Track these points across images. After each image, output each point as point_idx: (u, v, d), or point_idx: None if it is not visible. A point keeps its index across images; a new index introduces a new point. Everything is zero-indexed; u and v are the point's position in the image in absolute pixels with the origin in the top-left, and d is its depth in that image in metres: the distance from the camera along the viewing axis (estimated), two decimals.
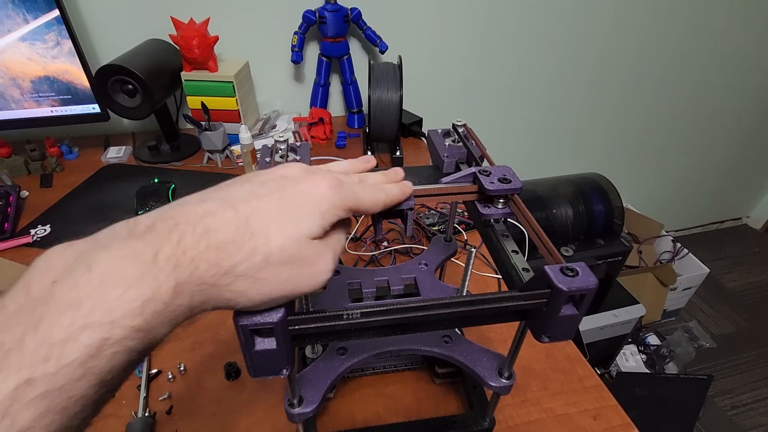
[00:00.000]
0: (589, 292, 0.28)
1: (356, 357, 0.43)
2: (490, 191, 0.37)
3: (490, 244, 0.39)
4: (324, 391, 0.38)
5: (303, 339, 0.29)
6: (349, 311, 0.28)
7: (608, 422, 0.50)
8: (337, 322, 0.28)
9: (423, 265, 0.53)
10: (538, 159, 1.61)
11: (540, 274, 0.29)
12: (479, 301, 0.29)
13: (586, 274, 0.28)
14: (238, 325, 0.25)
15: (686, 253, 1.66)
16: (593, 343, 1.28)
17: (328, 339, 0.31)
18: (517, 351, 0.38)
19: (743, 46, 1.52)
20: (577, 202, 1.27)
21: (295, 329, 0.27)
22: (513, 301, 0.29)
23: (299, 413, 0.36)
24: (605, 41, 1.36)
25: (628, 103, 1.55)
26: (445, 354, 0.44)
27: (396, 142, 0.97)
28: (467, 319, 0.32)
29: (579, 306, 0.29)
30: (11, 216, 0.78)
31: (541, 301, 0.29)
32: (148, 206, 0.81)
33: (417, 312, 0.29)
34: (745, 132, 1.83)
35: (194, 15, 0.94)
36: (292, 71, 1.16)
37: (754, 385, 1.53)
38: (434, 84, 1.29)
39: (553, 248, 0.32)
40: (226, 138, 0.95)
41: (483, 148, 0.45)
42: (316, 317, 0.27)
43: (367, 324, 0.29)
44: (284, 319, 0.26)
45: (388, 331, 0.31)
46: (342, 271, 0.52)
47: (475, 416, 0.47)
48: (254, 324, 0.25)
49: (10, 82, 0.87)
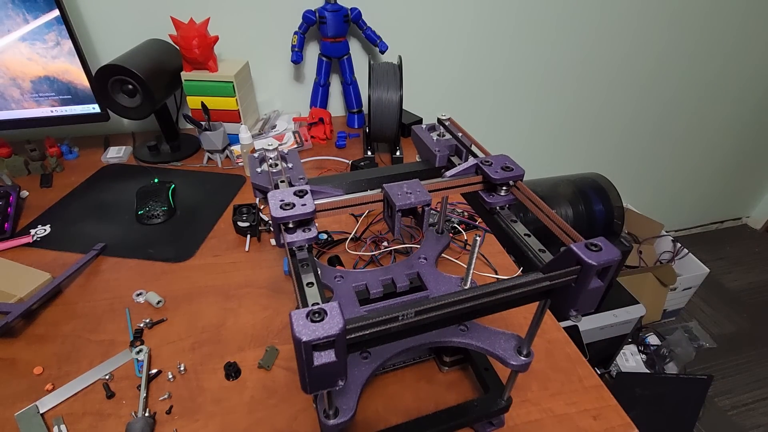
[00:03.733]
0: (615, 263, 0.29)
1: (380, 359, 0.43)
2: (495, 180, 0.38)
3: (500, 231, 0.40)
4: (357, 398, 0.37)
5: (356, 347, 0.28)
6: (404, 312, 0.27)
7: (608, 422, 0.50)
8: (392, 324, 0.27)
9: (422, 259, 0.54)
10: (538, 159, 1.60)
11: (566, 252, 0.30)
12: (515, 286, 0.30)
13: (608, 247, 0.30)
14: (301, 342, 0.24)
15: (686, 253, 1.66)
16: (593, 343, 1.28)
17: (380, 343, 0.30)
18: (537, 329, 0.39)
19: (743, 46, 1.52)
20: (577, 202, 1.27)
21: (352, 337, 0.26)
22: (545, 280, 0.30)
23: (336, 424, 0.35)
24: (605, 42, 1.36)
25: (628, 104, 1.55)
26: (464, 342, 0.44)
27: (396, 142, 0.97)
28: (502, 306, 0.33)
29: (603, 278, 0.31)
30: (11, 216, 0.78)
31: (570, 278, 0.30)
32: (147, 206, 0.81)
33: (464, 304, 0.29)
34: (745, 132, 1.83)
35: (194, 15, 0.94)
36: (292, 71, 1.16)
37: (754, 385, 1.53)
38: (434, 84, 1.29)
39: (568, 227, 0.33)
40: (226, 138, 0.95)
41: (473, 138, 0.46)
42: (373, 323, 0.27)
43: (422, 321, 0.28)
44: (344, 330, 0.25)
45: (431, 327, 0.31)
46: (345, 275, 0.52)
47: (493, 397, 0.48)
48: (317, 339, 0.24)
49: (10, 82, 0.87)
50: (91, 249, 0.72)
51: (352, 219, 0.80)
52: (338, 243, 0.75)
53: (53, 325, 0.61)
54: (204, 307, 0.64)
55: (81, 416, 0.50)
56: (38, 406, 0.51)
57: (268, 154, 0.44)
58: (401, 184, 0.38)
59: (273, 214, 0.34)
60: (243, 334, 0.60)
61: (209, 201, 0.86)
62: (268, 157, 0.44)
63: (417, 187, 0.37)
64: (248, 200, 0.86)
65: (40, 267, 0.66)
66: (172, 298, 0.65)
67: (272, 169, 0.43)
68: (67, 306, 0.64)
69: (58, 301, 0.65)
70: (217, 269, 0.71)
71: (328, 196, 0.38)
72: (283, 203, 0.35)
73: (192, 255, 0.73)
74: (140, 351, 0.56)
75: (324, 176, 0.43)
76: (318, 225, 0.78)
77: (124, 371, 0.55)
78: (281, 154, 0.45)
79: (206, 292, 0.67)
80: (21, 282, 0.63)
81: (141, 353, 0.56)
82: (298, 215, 0.34)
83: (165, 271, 0.70)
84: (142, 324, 0.61)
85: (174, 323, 0.62)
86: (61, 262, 0.71)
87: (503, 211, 0.41)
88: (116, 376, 0.55)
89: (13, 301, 0.61)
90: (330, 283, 0.51)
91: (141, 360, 0.55)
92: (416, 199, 0.36)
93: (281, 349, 0.58)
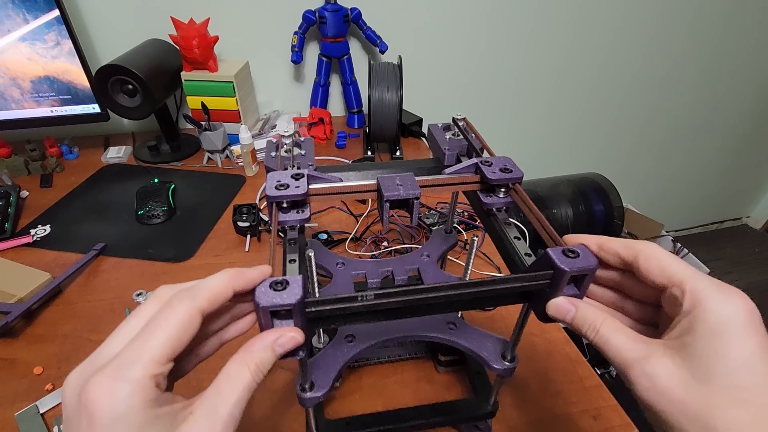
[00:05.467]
0: (590, 272, 0.29)
1: (364, 344, 0.44)
2: (491, 180, 0.38)
3: (493, 233, 0.41)
4: (334, 376, 0.39)
5: (318, 322, 0.30)
6: (364, 293, 0.28)
7: (608, 422, 0.50)
8: (352, 304, 0.29)
9: (425, 256, 0.54)
10: (538, 159, 1.61)
11: (543, 256, 0.30)
12: (486, 283, 0.30)
13: (586, 255, 0.29)
14: (259, 306, 0.26)
15: (686, 253, 1.66)
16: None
17: (342, 321, 0.31)
18: (520, 334, 0.39)
19: (743, 46, 1.52)
20: (577, 202, 1.27)
21: (312, 311, 0.28)
22: (518, 282, 0.30)
23: (310, 397, 0.37)
24: (605, 42, 1.36)
25: (628, 104, 1.55)
26: (450, 339, 0.45)
27: (396, 142, 0.97)
28: (474, 302, 0.33)
29: (580, 286, 0.30)
30: (11, 216, 0.78)
31: (544, 282, 0.30)
32: (147, 206, 0.81)
33: (427, 293, 0.30)
34: (745, 132, 1.83)
35: (194, 15, 0.94)
36: (292, 71, 1.16)
37: None
38: (434, 84, 1.29)
39: (554, 232, 0.33)
40: (226, 138, 0.95)
41: (483, 141, 0.46)
42: (332, 299, 0.28)
43: (380, 306, 0.29)
44: (302, 301, 0.26)
45: (400, 314, 0.31)
46: (347, 263, 0.53)
47: (479, 400, 0.48)
48: (273, 305, 0.26)
49: (10, 82, 0.87)
50: (91, 249, 0.72)
51: (353, 219, 0.80)
52: (338, 243, 0.75)
53: (53, 325, 0.61)
54: None
55: None
56: (38, 406, 0.51)
57: (284, 140, 0.46)
58: (395, 176, 0.39)
59: (267, 192, 0.36)
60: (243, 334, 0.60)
61: (209, 201, 0.86)
62: (283, 143, 0.46)
63: (409, 181, 0.38)
64: (248, 200, 0.86)
65: (40, 267, 0.66)
66: None
67: (285, 154, 0.44)
68: (67, 306, 0.64)
69: (58, 301, 0.65)
70: (217, 269, 0.70)
71: (325, 182, 0.39)
72: (279, 184, 0.36)
73: (192, 255, 0.73)
74: None
75: (333, 165, 0.44)
76: (318, 225, 0.78)
77: None
78: (297, 141, 0.47)
79: None
80: (21, 282, 0.63)
81: None
82: (290, 196, 0.36)
83: (165, 271, 0.70)
84: None
85: None
86: (61, 262, 0.71)
87: (500, 213, 0.41)
88: None
89: (13, 301, 0.61)
90: (331, 268, 0.52)
91: None
92: (405, 192, 0.37)
93: None
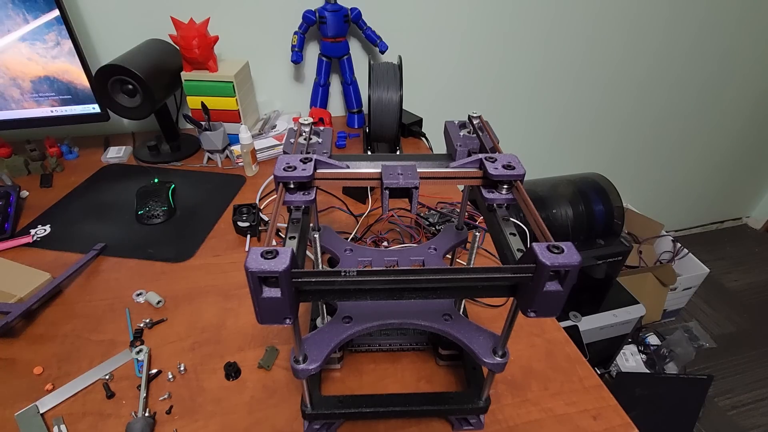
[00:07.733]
0: (572, 268, 0.30)
1: (360, 325, 0.45)
2: (493, 176, 0.39)
3: (491, 228, 0.41)
4: (327, 351, 0.40)
5: (307, 294, 0.31)
6: (347, 269, 0.30)
7: (608, 422, 0.50)
8: (336, 278, 0.30)
9: (432, 249, 0.56)
10: (538, 159, 1.60)
11: (528, 250, 0.31)
12: (469, 271, 0.31)
13: (570, 252, 0.30)
14: (248, 271, 0.28)
15: (686, 253, 1.66)
16: (593, 343, 1.28)
17: (330, 296, 0.33)
18: (510, 329, 0.39)
19: (743, 46, 1.52)
20: (577, 202, 1.27)
21: (298, 281, 0.30)
22: (501, 273, 0.31)
23: (303, 369, 0.39)
24: (605, 42, 1.36)
25: (628, 104, 1.55)
26: (443, 330, 0.45)
27: (396, 142, 0.97)
28: (458, 290, 0.34)
29: (563, 283, 0.31)
30: (11, 216, 0.78)
31: (527, 275, 0.31)
32: (147, 206, 0.81)
33: (407, 275, 0.31)
34: (745, 132, 1.83)
35: (194, 15, 0.94)
36: (292, 71, 1.16)
37: (754, 385, 1.53)
38: (434, 84, 1.29)
39: (545, 228, 0.34)
40: (226, 138, 0.95)
41: (495, 140, 0.46)
42: (317, 272, 0.30)
43: (363, 283, 0.31)
44: (288, 270, 0.28)
45: (384, 295, 0.33)
46: (354, 249, 0.55)
47: (471, 394, 0.48)
48: (262, 271, 0.28)
49: (10, 82, 0.87)
50: (91, 249, 0.72)
51: (353, 219, 0.80)
52: None
53: (53, 325, 0.61)
54: (204, 307, 0.64)
55: (81, 416, 0.50)
56: (38, 406, 0.51)
57: (303, 128, 0.49)
58: (397, 165, 0.40)
59: (275, 172, 0.38)
60: (243, 334, 0.60)
61: (209, 201, 0.86)
62: (303, 130, 0.48)
63: (409, 171, 0.39)
64: (248, 200, 0.86)
65: (40, 267, 0.66)
66: (172, 298, 0.65)
67: (302, 141, 0.47)
68: (67, 306, 0.64)
69: (58, 301, 0.65)
70: (217, 269, 0.71)
71: (332, 168, 0.41)
72: (287, 165, 0.39)
73: (192, 255, 0.73)
74: (140, 351, 0.56)
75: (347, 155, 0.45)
76: None
77: (124, 371, 0.55)
78: (316, 130, 0.50)
79: (206, 292, 0.67)
80: (21, 282, 0.63)
81: (141, 353, 0.56)
82: (296, 177, 0.38)
83: (165, 271, 0.70)
84: (142, 324, 0.61)
85: (174, 323, 0.62)
86: (61, 262, 0.71)
87: (500, 209, 0.41)
88: (116, 376, 0.55)
89: (13, 301, 0.61)
90: (339, 254, 0.55)
91: (141, 360, 0.55)
92: (404, 181, 0.38)
93: (281, 349, 0.58)
